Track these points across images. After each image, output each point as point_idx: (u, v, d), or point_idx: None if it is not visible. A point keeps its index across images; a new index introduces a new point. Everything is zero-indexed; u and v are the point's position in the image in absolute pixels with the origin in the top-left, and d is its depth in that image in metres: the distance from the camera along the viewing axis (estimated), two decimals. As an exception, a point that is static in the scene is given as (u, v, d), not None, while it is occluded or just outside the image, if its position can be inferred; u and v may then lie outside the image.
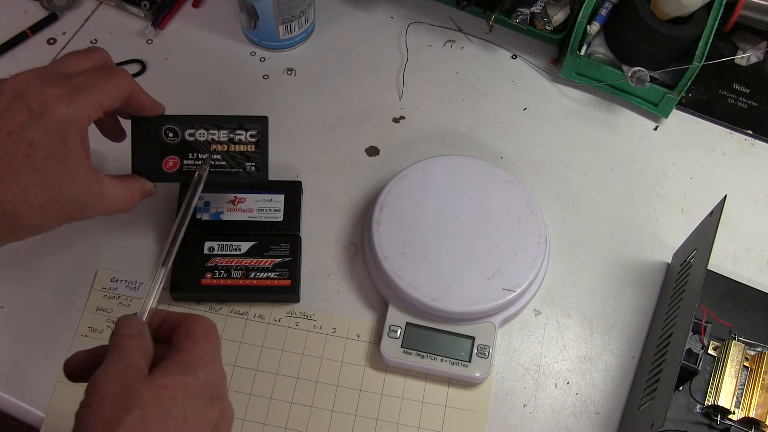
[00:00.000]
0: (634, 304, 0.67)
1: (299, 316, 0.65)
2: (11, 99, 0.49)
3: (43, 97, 0.49)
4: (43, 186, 0.49)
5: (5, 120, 0.48)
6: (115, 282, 0.65)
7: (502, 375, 0.64)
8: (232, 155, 0.60)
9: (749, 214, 0.73)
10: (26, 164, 0.48)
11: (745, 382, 0.59)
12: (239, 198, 0.66)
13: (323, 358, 0.63)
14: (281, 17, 0.74)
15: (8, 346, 0.62)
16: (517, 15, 0.76)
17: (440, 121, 0.76)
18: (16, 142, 0.48)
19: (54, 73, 0.51)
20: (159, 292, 0.51)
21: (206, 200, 0.66)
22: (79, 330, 0.63)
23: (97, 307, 0.64)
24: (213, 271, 0.63)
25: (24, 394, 0.60)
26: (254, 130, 0.61)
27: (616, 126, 0.77)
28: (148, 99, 0.57)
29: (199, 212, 0.65)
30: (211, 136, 0.60)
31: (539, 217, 0.65)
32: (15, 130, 0.48)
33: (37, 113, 0.48)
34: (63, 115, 0.49)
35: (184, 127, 0.60)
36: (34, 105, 0.48)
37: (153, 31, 0.79)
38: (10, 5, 0.79)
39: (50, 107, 0.49)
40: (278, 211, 0.66)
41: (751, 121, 0.78)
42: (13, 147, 0.48)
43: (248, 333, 0.64)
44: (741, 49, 0.81)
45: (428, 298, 0.61)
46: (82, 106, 0.50)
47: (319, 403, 0.61)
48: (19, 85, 0.49)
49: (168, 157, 0.60)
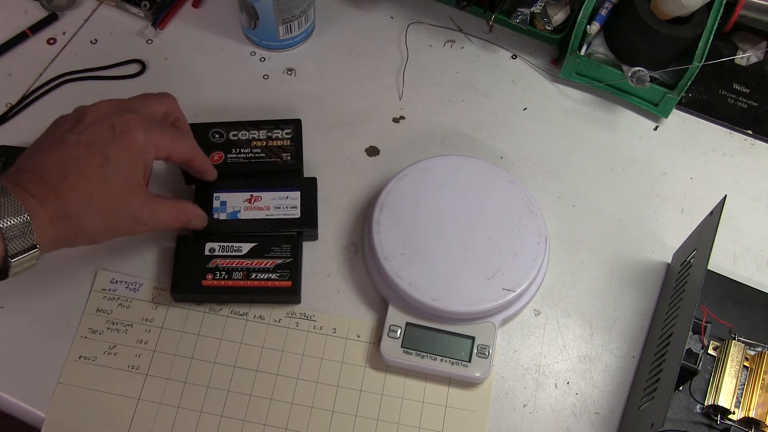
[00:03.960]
0: (634, 304, 0.67)
1: (299, 316, 0.65)
2: (96, 118, 0.55)
3: (126, 120, 0.55)
4: (107, 197, 0.54)
5: (88, 134, 0.54)
6: (114, 283, 0.65)
7: (502, 375, 0.64)
8: (270, 148, 0.69)
9: (749, 214, 0.73)
10: (97, 174, 0.53)
11: (745, 382, 0.59)
12: (255, 197, 0.66)
13: (323, 358, 0.63)
14: (281, 17, 0.74)
15: (8, 346, 0.62)
16: (517, 15, 0.76)
17: (440, 121, 0.76)
18: (93, 152, 0.53)
19: (134, 107, 0.58)
20: None
21: (222, 200, 0.66)
22: (79, 332, 0.63)
23: (97, 309, 0.64)
24: (214, 272, 0.63)
25: (24, 394, 0.60)
26: (289, 128, 0.70)
27: (616, 126, 0.77)
28: (205, 165, 0.64)
29: (216, 212, 0.66)
30: (252, 135, 0.69)
31: (539, 217, 0.65)
32: (95, 142, 0.54)
33: (120, 132, 0.55)
34: (140, 139, 0.55)
35: (228, 130, 0.69)
36: (118, 126, 0.55)
37: (153, 31, 0.79)
38: (10, 5, 0.79)
39: (131, 130, 0.55)
40: (295, 208, 0.66)
41: (751, 121, 0.78)
42: (89, 157, 0.53)
43: (248, 334, 0.64)
44: (741, 49, 0.81)
45: (428, 298, 0.61)
46: (155, 140, 0.56)
47: (319, 403, 0.61)
48: (105, 108, 0.56)
49: (214, 152, 0.68)
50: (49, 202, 0.51)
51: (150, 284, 0.65)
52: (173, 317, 0.64)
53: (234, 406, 0.61)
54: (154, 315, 0.64)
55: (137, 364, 0.62)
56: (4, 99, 0.74)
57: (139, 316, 0.64)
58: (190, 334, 0.63)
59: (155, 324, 0.63)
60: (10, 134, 0.71)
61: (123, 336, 0.63)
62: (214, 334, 0.63)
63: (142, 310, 0.64)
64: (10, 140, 0.70)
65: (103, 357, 0.62)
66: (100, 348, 0.62)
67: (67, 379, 0.61)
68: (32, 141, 0.56)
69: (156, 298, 0.64)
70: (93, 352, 0.62)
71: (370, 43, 0.80)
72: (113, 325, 0.63)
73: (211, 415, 0.60)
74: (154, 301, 0.64)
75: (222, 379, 0.62)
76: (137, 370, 0.62)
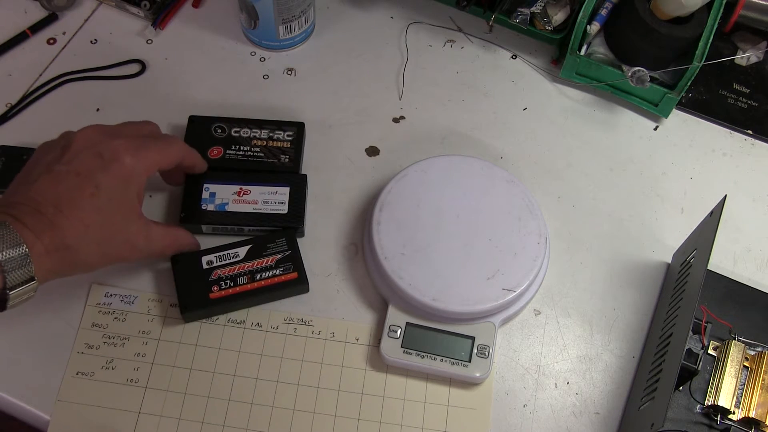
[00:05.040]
0: (634, 304, 0.67)
1: (297, 322, 0.64)
2: (82, 147, 0.55)
3: (114, 147, 0.55)
4: (102, 225, 0.54)
5: (76, 163, 0.54)
6: (109, 297, 0.64)
7: (502, 375, 0.64)
8: (270, 148, 0.69)
9: (749, 214, 0.73)
10: (90, 204, 0.53)
11: (745, 382, 0.59)
12: (245, 190, 0.67)
13: (323, 363, 0.63)
14: (281, 17, 0.74)
15: (9, 347, 0.62)
16: (517, 15, 0.76)
17: (440, 121, 0.76)
18: (83, 182, 0.53)
19: (119, 132, 0.58)
20: None
21: (212, 191, 0.66)
22: (76, 347, 0.62)
23: (93, 323, 0.63)
24: (218, 283, 0.63)
25: (27, 396, 0.60)
26: (291, 131, 0.70)
27: (616, 126, 0.77)
28: (197, 160, 0.64)
29: (204, 203, 0.66)
30: (253, 133, 0.70)
31: (539, 217, 0.65)
32: (84, 172, 0.54)
33: (108, 160, 0.54)
34: (129, 164, 0.55)
35: (230, 126, 0.70)
36: (105, 153, 0.55)
37: (153, 31, 0.79)
38: (10, 5, 0.79)
39: (119, 156, 0.55)
40: (283, 204, 0.66)
41: (751, 121, 0.78)
42: (80, 187, 0.53)
43: (246, 342, 0.63)
44: (741, 49, 0.82)
45: (428, 298, 0.61)
46: (144, 161, 0.56)
47: (321, 408, 0.61)
48: (91, 135, 0.56)
49: (214, 147, 0.69)
50: (45, 234, 0.51)
51: (145, 296, 0.64)
52: (170, 329, 0.63)
53: (236, 415, 0.60)
54: (150, 327, 0.63)
55: (136, 377, 0.61)
56: (4, 99, 0.74)
57: (136, 329, 0.63)
58: (188, 345, 0.63)
59: (152, 336, 0.63)
60: (10, 134, 0.71)
61: (120, 350, 0.62)
62: (212, 343, 0.63)
63: (138, 322, 0.63)
64: (10, 140, 0.70)
65: (101, 372, 0.61)
66: (98, 363, 0.61)
67: (65, 396, 0.60)
68: (33, 141, 0.56)
69: (152, 311, 0.64)
70: (90, 368, 0.61)
71: (370, 43, 0.80)
72: (110, 339, 0.62)
73: (213, 425, 0.60)
74: (149, 313, 0.64)
75: (222, 388, 0.61)
76: (136, 383, 0.61)
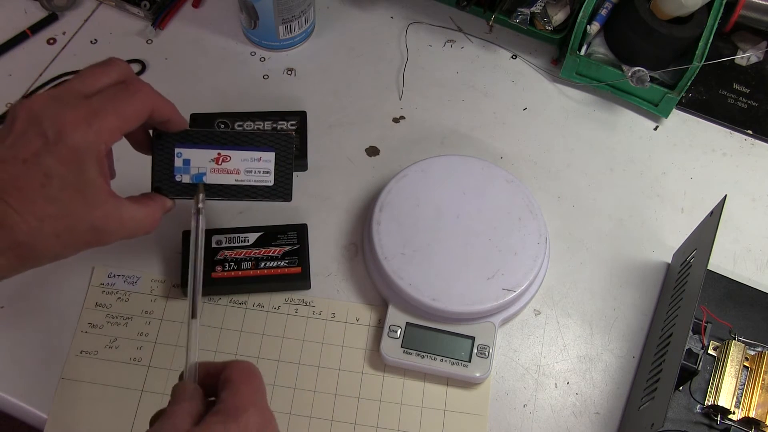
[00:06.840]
0: (634, 304, 0.67)
1: (298, 302, 0.64)
2: (26, 125, 0.47)
3: (59, 123, 0.46)
4: (59, 217, 0.47)
5: (20, 147, 0.46)
6: (112, 277, 0.65)
7: (502, 375, 0.64)
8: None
9: (749, 214, 0.73)
10: (42, 195, 0.46)
11: (745, 382, 0.59)
12: (224, 156, 0.57)
13: (324, 343, 0.63)
14: (281, 17, 0.74)
15: (10, 346, 0.62)
16: (517, 15, 0.76)
17: (440, 121, 0.76)
18: (31, 171, 0.46)
19: (70, 95, 0.48)
20: (197, 347, 0.48)
21: (185, 157, 0.57)
22: (79, 326, 0.63)
23: (96, 303, 0.64)
24: (223, 263, 0.63)
25: (25, 395, 0.60)
26: (294, 120, 0.72)
27: (616, 126, 0.77)
28: (172, 112, 0.54)
29: (177, 173, 0.57)
30: (257, 126, 0.71)
31: (539, 217, 0.65)
32: (30, 158, 0.46)
33: (53, 141, 0.46)
34: (79, 142, 0.47)
35: (233, 120, 0.71)
36: (49, 132, 0.46)
37: (153, 31, 0.79)
38: (10, 5, 0.79)
39: (66, 134, 0.46)
40: (268, 173, 0.58)
41: (751, 121, 0.78)
42: (28, 176, 0.46)
43: (248, 322, 0.64)
44: (741, 49, 0.81)
45: (428, 298, 0.61)
46: (99, 132, 0.47)
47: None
48: (35, 108, 0.47)
49: None
50: None
51: (148, 277, 0.65)
52: (173, 308, 0.64)
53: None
54: (153, 307, 0.64)
55: (139, 356, 0.62)
56: (4, 99, 0.74)
57: (139, 309, 0.64)
58: None
59: (155, 316, 0.64)
60: (10, 134, 0.71)
61: (123, 329, 0.63)
62: (214, 323, 0.64)
63: (141, 302, 0.64)
64: (10, 140, 0.70)
65: (104, 351, 0.62)
66: (101, 342, 0.62)
67: (69, 374, 0.61)
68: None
69: (154, 291, 0.65)
70: (94, 347, 0.62)
71: (370, 43, 0.80)
72: (113, 319, 0.63)
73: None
74: (152, 293, 0.65)
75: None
76: (139, 362, 0.62)
